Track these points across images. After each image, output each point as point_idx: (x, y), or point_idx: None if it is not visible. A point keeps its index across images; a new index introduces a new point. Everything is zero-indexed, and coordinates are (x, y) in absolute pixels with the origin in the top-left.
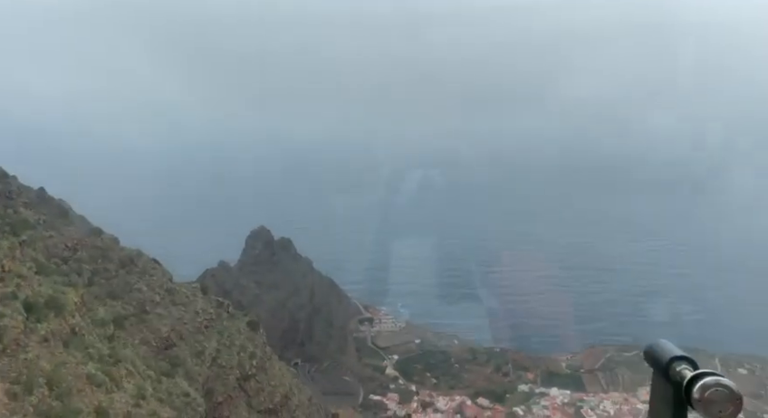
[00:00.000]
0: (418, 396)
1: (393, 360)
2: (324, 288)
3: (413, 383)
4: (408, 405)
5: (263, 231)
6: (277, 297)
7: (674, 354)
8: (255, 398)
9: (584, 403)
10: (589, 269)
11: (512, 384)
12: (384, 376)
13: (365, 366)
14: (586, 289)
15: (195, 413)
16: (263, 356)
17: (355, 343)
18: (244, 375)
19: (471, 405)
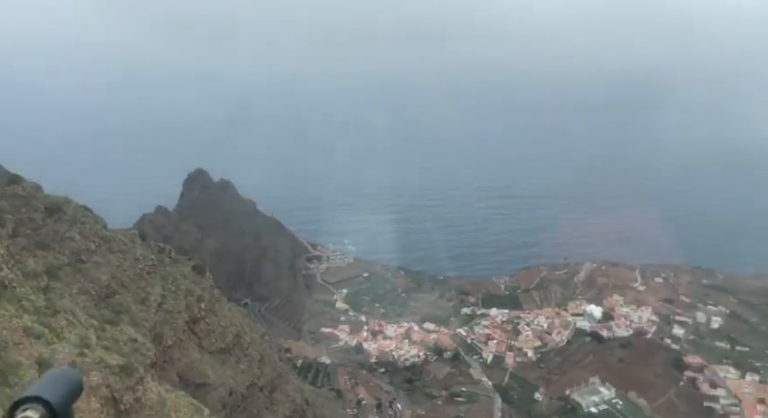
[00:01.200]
0: (368, 326)
1: (343, 294)
2: (270, 228)
3: (362, 314)
4: (359, 334)
5: (200, 174)
6: (221, 239)
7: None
8: (206, 339)
9: (521, 320)
10: (525, 197)
11: (455, 309)
12: (334, 310)
13: (315, 302)
14: (522, 217)
15: (144, 357)
16: (211, 298)
17: (305, 280)
18: (192, 318)
19: (418, 330)
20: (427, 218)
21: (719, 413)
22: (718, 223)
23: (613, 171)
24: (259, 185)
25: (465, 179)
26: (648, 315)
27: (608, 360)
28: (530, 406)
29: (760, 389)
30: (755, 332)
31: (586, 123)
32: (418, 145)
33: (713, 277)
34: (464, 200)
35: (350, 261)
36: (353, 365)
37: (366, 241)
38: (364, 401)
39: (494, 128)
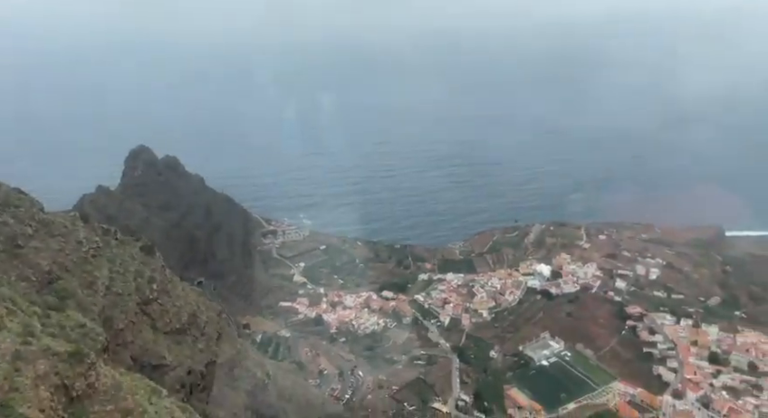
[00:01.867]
0: (327, 297)
1: (300, 268)
2: (221, 205)
3: (321, 286)
4: (318, 306)
5: (143, 150)
6: (170, 218)
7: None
8: (160, 320)
9: (475, 283)
10: (477, 164)
11: (413, 275)
12: (292, 284)
13: (272, 277)
14: (475, 183)
15: (95, 342)
16: (163, 279)
17: (260, 256)
18: (144, 299)
19: (377, 299)
20: (383, 189)
21: (657, 357)
22: (655, 178)
23: (559, 132)
24: (207, 161)
25: (418, 148)
26: (593, 270)
27: (557, 315)
28: (486, 364)
29: (693, 333)
30: (689, 280)
31: (532, 87)
32: (372, 114)
33: (651, 231)
34: (418, 169)
35: (307, 235)
36: (314, 337)
37: (322, 213)
38: (326, 371)
39: (441, 95)
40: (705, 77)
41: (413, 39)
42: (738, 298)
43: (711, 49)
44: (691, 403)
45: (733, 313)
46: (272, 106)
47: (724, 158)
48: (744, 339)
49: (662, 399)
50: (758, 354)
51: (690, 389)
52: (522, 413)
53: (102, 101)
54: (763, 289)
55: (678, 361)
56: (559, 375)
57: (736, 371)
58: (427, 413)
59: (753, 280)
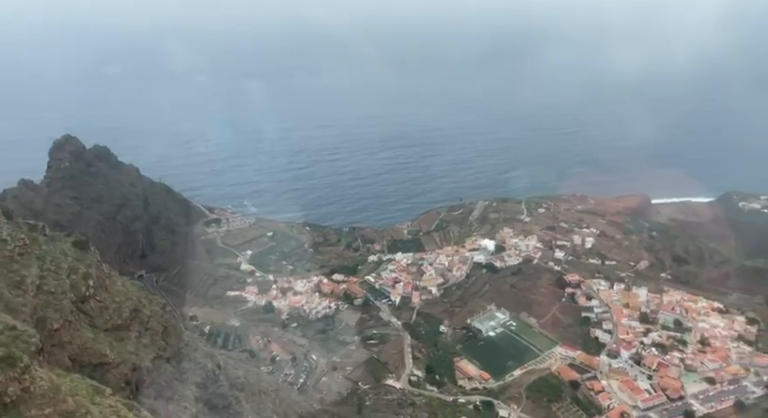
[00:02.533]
0: (277, 284)
1: (247, 256)
2: (159, 195)
3: (270, 273)
4: (268, 294)
5: (68, 140)
6: (103, 211)
7: None
8: (100, 318)
9: (424, 261)
10: (422, 144)
11: (362, 257)
12: (240, 272)
13: (218, 266)
14: (420, 164)
15: (27, 345)
16: (99, 274)
17: (204, 245)
18: (80, 297)
19: (327, 282)
20: (330, 173)
21: (594, 321)
22: (588, 152)
23: (499, 110)
24: (140, 150)
25: (363, 130)
26: (534, 243)
27: (502, 287)
28: (436, 338)
29: (625, 296)
30: (620, 247)
31: (475, 65)
32: (314, 96)
33: (586, 203)
34: (365, 152)
35: (253, 222)
36: (265, 325)
37: (268, 200)
38: (278, 357)
39: (383, 75)
40: (633, 53)
41: (354, 17)
42: (663, 261)
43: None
44: (624, 361)
45: (659, 275)
46: (204, 91)
47: (649, 131)
48: (669, 298)
49: (599, 359)
50: (682, 311)
51: (624, 348)
52: (471, 383)
53: (18, 88)
54: (685, 251)
55: (613, 323)
56: (505, 344)
57: (663, 328)
58: (381, 391)
59: (676, 244)
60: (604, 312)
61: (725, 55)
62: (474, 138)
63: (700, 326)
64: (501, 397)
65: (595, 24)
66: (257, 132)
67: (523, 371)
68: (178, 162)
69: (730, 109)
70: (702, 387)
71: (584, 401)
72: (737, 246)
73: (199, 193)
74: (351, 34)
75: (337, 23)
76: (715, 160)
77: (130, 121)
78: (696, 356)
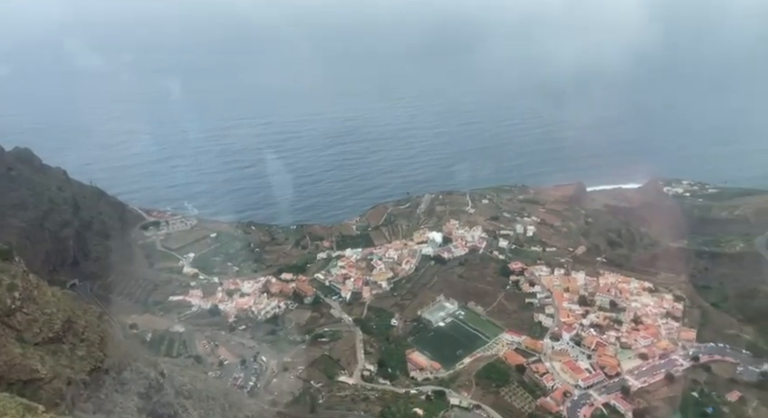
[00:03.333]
0: (222, 286)
1: (189, 258)
2: (91, 198)
3: (215, 275)
4: (213, 297)
5: None
6: (29, 217)
7: None
8: (28, 331)
9: (373, 256)
10: (366, 140)
11: (311, 255)
12: (182, 276)
13: (159, 271)
14: (366, 159)
15: None
16: (26, 285)
17: (143, 250)
18: (5, 310)
19: (276, 282)
20: (275, 171)
21: (537, 306)
22: (528, 144)
23: (443, 104)
24: (65, 152)
25: (308, 127)
26: (479, 233)
27: (450, 278)
28: (388, 332)
29: (565, 281)
30: (559, 234)
31: (416, 62)
32: (254, 94)
33: (526, 192)
34: (310, 149)
35: (194, 224)
36: (211, 329)
37: (211, 201)
38: (227, 361)
39: (326, 74)
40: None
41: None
42: (599, 245)
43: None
44: (566, 342)
45: (595, 259)
46: (133, 88)
47: (584, 123)
48: (605, 281)
49: (543, 343)
50: (616, 292)
51: (565, 330)
52: (423, 374)
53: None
54: (618, 235)
55: (554, 307)
56: (454, 333)
57: (601, 310)
58: (334, 388)
59: (610, 229)
60: (546, 297)
61: (654, 48)
62: (418, 133)
63: (633, 305)
64: (452, 386)
65: (533, 17)
66: (194, 131)
67: (473, 358)
68: (111, 164)
69: (656, 102)
70: (636, 363)
71: (530, 383)
72: (663, 229)
73: (135, 196)
74: (284, 30)
75: (268, 17)
76: (643, 149)
77: (55, 121)
78: (630, 333)
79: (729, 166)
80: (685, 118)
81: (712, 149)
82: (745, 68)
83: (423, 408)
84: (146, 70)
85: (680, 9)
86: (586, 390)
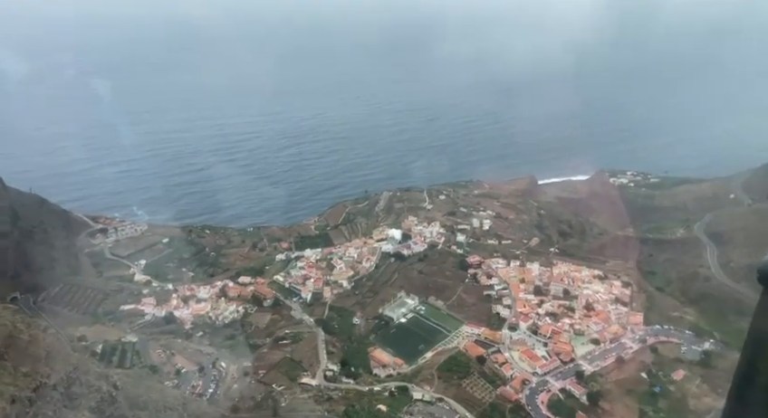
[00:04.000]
0: (177, 293)
1: (141, 265)
2: (31, 207)
3: (168, 282)
4: (168, 304)
5: None
6: None
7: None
8: None
9: (333, 255)
10: (324, 140)
11: (269, 257)
12: (134, 284)
13: (108, 280)
14: (325, 159)
15: None
16: None
17: (90, 258)
18: None
19: (233, 286)
20: (230, 173)
21: (495, 298)
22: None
23: (401, 104)
24: (2, 158)
25: (264, 128)
26: (437, 229)
27: (410, 274)
28: (350, 331)
29: (521, 272)
30: (513, 227)
31: (373, 61)
32: (207, 96)
33: (481, 187)
34: (265, 150)
35: (144, 229)
36: (166, 337)
37: (164, 206)
38: (184, 369)
39: (282, 74)
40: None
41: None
42: (551, 236)
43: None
44: (523, 332)
45: (548, 250)
46: (73, 89)
47: (535, 119)
48: (558, 270)
49: (501, 333)
50: (569, 281)
51: (522, 320)
52: (386, 371)
53: None
54: (569, 226)
55: (511, 298)
56: (416, 328)
57: (555, 298)
58: (297, 390)
59: (561, 220)
60: (503, 289)
61: (601, 45)
62: (376, 131)
63: (585, 293)
64: (414, 381)
65: (485, 15)
66: (143, 134)
67: (434, 352)
68: (52, 171)
69: (602, 97)
70: (589, 348)
71: (490, 374)
72: (610, 218)
73: (81, 203)
74: (235, 28)
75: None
76: (590, 142)
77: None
78: (583, 320)
79: (669, 156)
80: (628, 113)
81: (654, 141)
82: (687, 64)
83: (387, 404)
84: (85, 71)
85: (627, 6)
86: (543, 377)
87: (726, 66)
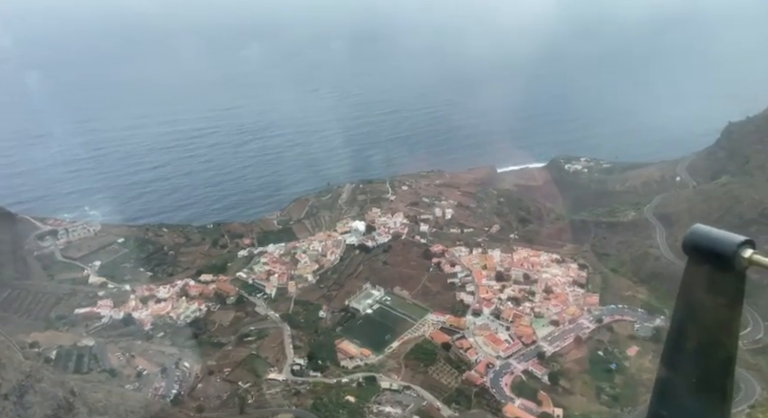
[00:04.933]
0: (135, 294)
1: (95, 267)
2: None
3: (126, 283)
4: (125, 305)
5: None
6: None
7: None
8: None
9: (297, 249)
10: (284, 134)
11: (231, 254)
12: (88, 286)
13: (61, 283)
14: (285, 154)
15: None
16: None
17: (40, 261)
18: None
19: (194, 284)
20: (189, 170)
21: (458, 285)
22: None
23: (362, 96)
24: None
25: (222, 123)
26: (401, 219)
27: (375, 266)
28: (316, 325)
29: (483, 258)
30: (475, 215)
31: (331, 56)
32: (161, 91)
33: (443, 177)
34: (227, 145)
35: (98, 229)
36: (125, 339)
37: (119, 205)
38: (145, 371)
39: (242, 68)
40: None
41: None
42: (511, 223)
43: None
44: (486, 317)
45: (509, 236)
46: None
47: (494, 109)
48: (518, 256)
49: (465, 320)
50: (529, 266)
51: (485, 306)
52: (353, 362)
53: None
54: (527, 212)
55: (474, 285)
56: (382, 319)
57: (516, 283)
58: (263, 386)
59: (520, 207)
60: (466, 276)
61: (558, 38)
62: (337, 124)
63: (544, 276)
64: (382, 370)
65: (448, 4)
66: (95, 132)
67: (401, 342)
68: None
69: (557, 87)
70: (549, 330)
71: (456, 360)
72: (566, 203)
73: (29, 205)
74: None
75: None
76: (545, 131)
77: None
78: (543, 303)
79: (620, 142)
80: (582, 102)
81: (606, 129)
82: (639, 53)
83: (355, 395)
84: (27, 65)
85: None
86: (506, 360)
87: (674, 55)
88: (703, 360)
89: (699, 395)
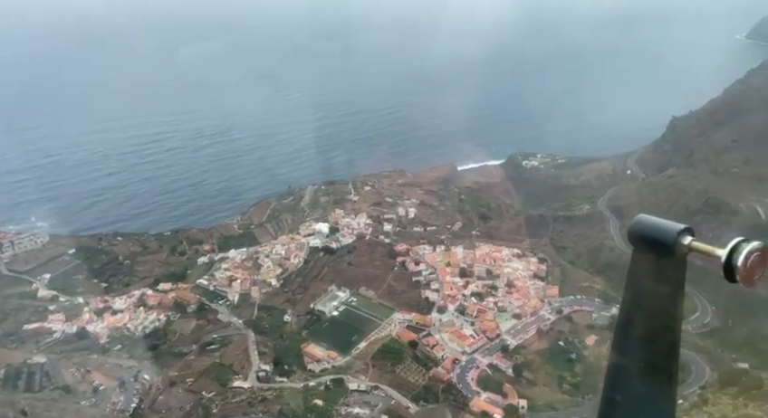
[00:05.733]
0: (89, 306)
1: (45, 280)
2: None
3: (78, 295)
4: (79, 319)
5: None
6: None
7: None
8: None
9: (260, 254)
10: (244, 137)
11: (191, 261)
12: (38, 300)
13: (7, 298)
14: (246, 157)
15: None
16: None
17: None
18: None
19: (152, 294)
20: (146, 177)
21: (423, 283)
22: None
23: (322, 97)
24: None
25: (179, 127)
26: (364, 220)
27: (340, 267)
28: (282, 329)
29: (446, 256)
30: (437, 213)
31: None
32: (114, 95)
33: (404, 176)
34: (185, 150)
35: (46, 241)
36: (80, 354)
37: (67, 215)
38: (102, 386)
39: (198, 70)
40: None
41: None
42: (472, 220)
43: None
44: (452, 313)
45: (471, 233)
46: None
47: (454, 109)
48: (480, 252)
49: (431, 317)
50: (491, 261)
51: (450, 302)
52: (320, 365)
53: None
54: (488, 209)
55: (439, 282)
56: (348, 320)
57: (479, 279)
58: (228, 395)
59: (480, 203)
60: (431, 274)
61: (516, 34)
62: (298, 126)
63: (506, 271)
64: (349, 372)
65: (411, 6)
66: (39, 139)
67: (368, 342)
68: None
69: (515, 87)
70: (512, 323)
71: (422, 357)
72: (524, 199)
73: None
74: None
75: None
76: (503, 129)
77: None
78: (505, 297)
79: (574, 138)
80: (538, 100)
81: (560, 126)
82: (592, 51)
83: (323, 398)
84: None
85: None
86: (472, 355)
87: (627, 54)
88: (649, 345)
89: (647, 379)
